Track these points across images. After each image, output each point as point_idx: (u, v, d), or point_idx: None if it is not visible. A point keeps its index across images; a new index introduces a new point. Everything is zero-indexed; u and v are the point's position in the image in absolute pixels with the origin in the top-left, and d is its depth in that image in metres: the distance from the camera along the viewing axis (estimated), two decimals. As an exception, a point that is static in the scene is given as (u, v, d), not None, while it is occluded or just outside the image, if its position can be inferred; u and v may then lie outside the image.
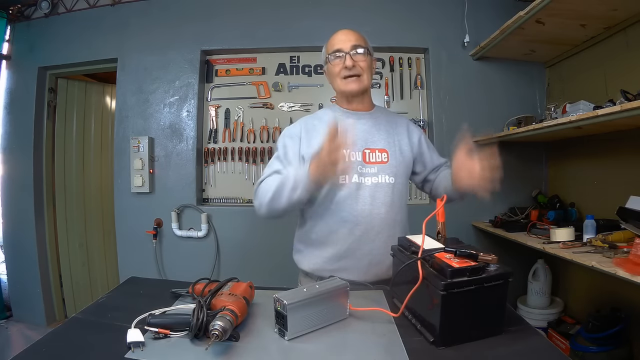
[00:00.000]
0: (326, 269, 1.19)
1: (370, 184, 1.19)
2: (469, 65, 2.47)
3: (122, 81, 2.63)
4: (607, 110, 1.33)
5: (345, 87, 1.21)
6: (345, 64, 1.18)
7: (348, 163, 1.14)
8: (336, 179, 1.14)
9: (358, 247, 1.18)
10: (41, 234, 2.78)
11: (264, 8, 2.51)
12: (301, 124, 1.26)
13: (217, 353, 0.70)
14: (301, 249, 1.28)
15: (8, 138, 2.78)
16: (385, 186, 1.21)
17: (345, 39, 1.20)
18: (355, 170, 1.19)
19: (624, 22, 1.76)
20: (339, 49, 1.19)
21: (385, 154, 1.23)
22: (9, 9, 2.71)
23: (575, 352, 1.73)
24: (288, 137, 1.24)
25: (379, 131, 1.26)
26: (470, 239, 2.42)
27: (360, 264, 1.18)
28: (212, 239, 2.52)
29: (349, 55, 1.18)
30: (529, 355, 0.71)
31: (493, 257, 0.76)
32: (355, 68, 1.18)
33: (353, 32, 1.22)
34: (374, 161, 1.21)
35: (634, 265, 1.23)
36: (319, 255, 1.22)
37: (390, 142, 1.26)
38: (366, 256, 1.18)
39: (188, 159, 2.56)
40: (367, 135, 1.24)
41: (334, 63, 1.21)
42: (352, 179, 1.18)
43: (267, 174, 1.19)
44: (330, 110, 1.30)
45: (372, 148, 1.23)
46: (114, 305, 0.93)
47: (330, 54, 1.21)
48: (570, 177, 2.24)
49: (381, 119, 1.29)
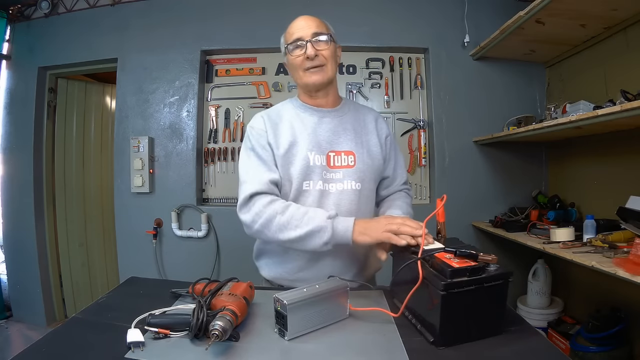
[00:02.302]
0: (286, 278, 1.12)
1: (335, 191, 1.09)
2: (469, 65, 2.47)
3: (122, 81, 2.63)
4: (607, 110, 1.33)
5: (307, 80, 1.09)
6: (307, 54, 1.06)
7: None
8: (299, 186, 1.07)
9: (320, 258, 1.09)
10: (41, 234, 2.78)
11: (264, 8, 2.51)
12: (264, 119, 1.13)
13: (217, 353, 0.70)
14: (262, 256, 1.21)
15: (8, 138, 2.78)
16: (351, 193, 1.10)
17: (305, 25, 1.09)
18: (319, 176, 1.08)
19: (624, 22, 1.76)
20: (299, 37, 1.07)
21: (352, 156, 1.11)
22: (9, 9, 2.71)
23: (575, 352, 1.73)
24: (256, 134, 1.11)
25: (346, 131, 1.14)
26: (470, 239, 2.42)
27: (321, 275, 1.04)
28: (212, 239, 2.52)
29: (310, 43, 1.06)
30: (529, 355, 0.71)
31: (493, 257, 0.76)
32: (318, 58, 1.07)
33: (313, 18, 1.11)
34: (339, 165, 1.10)
35: (634, 265, 1.23)
36: (279, 265, 1.14)
37: (358, 143, 1.14)
38: (328, 267, 1.09)
39: (188, 159, 2.56)
40: (331, 136, 1.12)
41: (294, 54, 1.08)
42: (317, 186, 1.07)
43: (261, 182, 1.04)
44: (291, 106, 1.17)
45: (337, 150, 1.11)
46: (114, 305, 0.93)
47: (289, 43, 1.09)
48: (570, 177, 2.24)
49: (348, 117, 1.17)
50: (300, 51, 1.07)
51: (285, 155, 1.08)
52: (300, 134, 1.10)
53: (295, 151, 1.08)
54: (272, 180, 1.06)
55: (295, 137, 1.09)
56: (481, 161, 2.47)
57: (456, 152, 2.46)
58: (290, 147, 1.08)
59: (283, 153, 1.08)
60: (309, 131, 1.11)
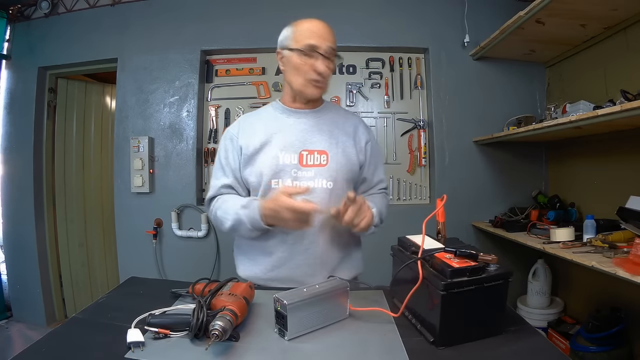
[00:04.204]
0: (260, 278, 1.12)
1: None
2: (469, 65, 2.47)
3: (122, 81, 2.63)
4: (607, 110, 1.34)
5: (307, 91, 1.09)
6: (318, 69, 1.05)
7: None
8: (268, 185, 1.09)
9: (290, 257, 1.09)
10: (41, 234, 2.78)
11: (264, 8, 2.51)
12: (239, 123, 1.18)
13: (217, 353, 0.70)
14: (237, 256, 1.21)
15: (8, 138, 2.78)
16: (322, 191, 1.08)
17: (323, 33, 1.06)
18: (289, 175, 1.08)
19: (624, 22, 1.76)
20: (315, 45, 1.04)
21: (324, 155, 1.11)
22: (9, 9, 2.71)
23: (575, 352, 1.73)
24: (228, 140, 1.16)
25: (321, 131, 1.13)
26: (470, 239, 2.42)
27: (294, 275, 1.08)
28: (212, 239, 2.52)
29: (323, 58, 1.05)
30: (529, 355, 0.71)
31: (493, 257, 0.76)
32: (325, 73, 1.06)
33: (330, 29, 1.08)
34: (311, 164, 1.10)
35: (634, 265, 1.23)
36: (253, 264, 1.15)
37: (332, 143, 1.13)
38: (300, 267, 1.09)
39: (188, 159, 2.56)
40: (305, 136, 1.12)
41: (302, 59, 1.06)
42: (286, 184, 1.07)
43: (214, 187, 1.15)
44: (271, 108, 1.19)
45: (310, 149, 1.11)
46: (114, 305, 0.93)
47: (301, 47, 1.05)
48: (570, 177, 2.24)
49: (325, 118, 1.16)
50: (311, 60, 1.06)
51: (254, 155, 1.11)
52: (274, 134, 1.12)
53: (266, 150, 1.11)
54: (223, 185, 1.15)
55: (269, 137, 1.12)
56: (481, 161, 2.47)
57: (456, 152, 2.46)
58: (262, 146, 1.11)
59: (252, 153, 1.11)
60: (284, 132, 1.13)
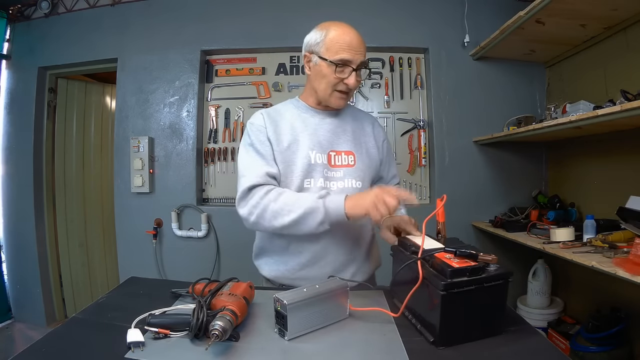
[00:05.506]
0: (288, 277, 1.12)
1: (337, 189, 1.10)
2: (469, 65, 2.47)
3: (122, 81, 2.63)
4: (607, 110, 1.33)
5: (334, 101, 1.10)
6: (348, 83, 1.06)
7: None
8: (301, 184, 1.08)
9: (322, 256, 1.11)
10: (41, 234, 2.78)
11: (264, 8, 2.51)
12: (263, 116, 1.14)
13: (217, 353, 0.70)
14: (262, 255, 1.20)
15: (8, 138, 2.78)
16: (352, 191, 1.10)
17: (357, 47, 1.05)
18: (321, 174, 1.09)
19: (624, 22, 1.76)
20: (348, 60, 1.04)
21: (352, 156, 1.14)
22: (9, 9, 2.71)
23: (575, 352, 1.73)
24: (257, 131, 1.11)
25: (345, 132, 1.16)
26: (470, 239, 2.42)
27: (322, 273, 1.07)
28: (212, 239, 2.52)
29: (355, 73, 1.06)
30: (528, 355, 0.71)
31: (493, 257, 0.76)
32: (354, 87, 1.08)
33: (362, 41, 1.07)
34: (339, 164, 1.12)
35: (634, 265, 1.23)
36: (280, 264, 1.14)
37: (357, 144, 1.16)
38: (329, 265, 1.10)
39: (188, 159, 2.56)
40: (332, 136, 1.14)
41: (333, 69, 1.05)
42: (318, 183, 1.08)
43: (258, 175, 1.05)
44: (292, 106, 1.18)
45: (337, 150, 1.13)
46: (114, 305, 0.93)
47: (334, 61, 1.04)
48: (570, 177, 2.24)
49: (347, 119, 1.19)
50: (342, 74, 1.06)
51: (285, 152, 1.09)
52: (301, 133, 1.11)
53: (295, 149, 1.09)
54: (269, 173, 1.06)
55: (296, 136, 1.11)
56: (481, 161, 2.47)
57: (456, 152, 2.46)
58: (291, 145, 1.10)
59: (283, 150, 1.09)
60: (310, 131, 1.12)
